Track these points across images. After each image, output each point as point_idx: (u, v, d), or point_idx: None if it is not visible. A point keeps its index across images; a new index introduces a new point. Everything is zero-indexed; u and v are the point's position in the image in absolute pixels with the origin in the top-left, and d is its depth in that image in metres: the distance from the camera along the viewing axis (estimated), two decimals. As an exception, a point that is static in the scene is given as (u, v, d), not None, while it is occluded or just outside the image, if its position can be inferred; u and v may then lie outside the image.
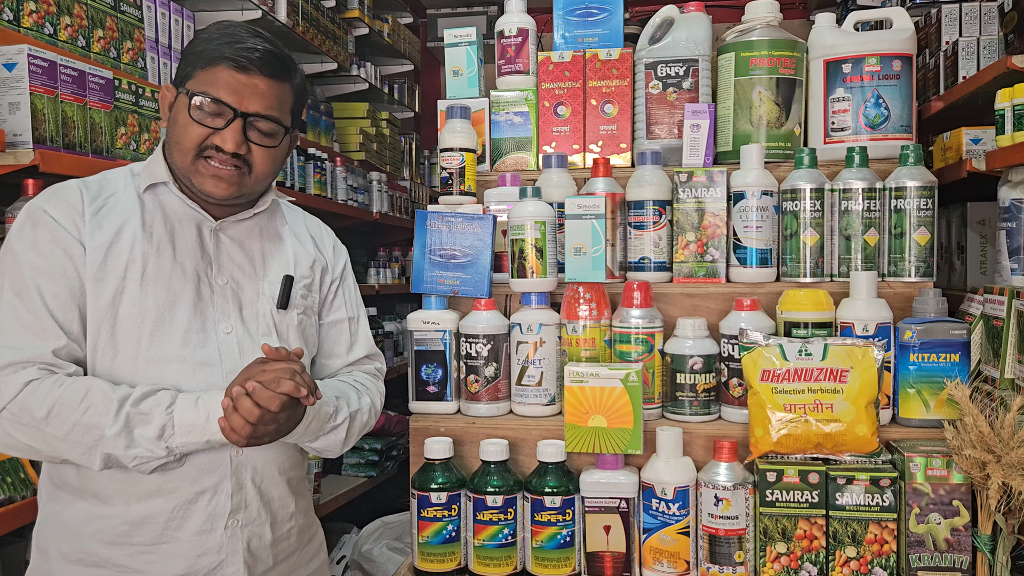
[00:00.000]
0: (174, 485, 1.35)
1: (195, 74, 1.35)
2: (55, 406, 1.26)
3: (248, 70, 1.34)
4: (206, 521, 1.38)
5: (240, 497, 1.40)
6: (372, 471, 3.63)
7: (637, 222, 1.78)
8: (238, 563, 1.40)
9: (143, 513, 1.35)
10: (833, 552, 1.52)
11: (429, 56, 5.30)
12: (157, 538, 1.36)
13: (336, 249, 1.63)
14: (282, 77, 1.38)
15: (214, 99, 1.33)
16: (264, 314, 1.45)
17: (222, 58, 1.34)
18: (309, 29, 3.33)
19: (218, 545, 1.38)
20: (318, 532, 1.63)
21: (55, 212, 1.34)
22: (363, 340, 1.63)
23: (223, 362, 1.39)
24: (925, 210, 1.69)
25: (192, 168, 1.36)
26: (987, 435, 1.42)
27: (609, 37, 1.93)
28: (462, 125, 1.83)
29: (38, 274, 1.31)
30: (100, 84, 1.92)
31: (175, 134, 1.37)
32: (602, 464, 1.62)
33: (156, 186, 1.41)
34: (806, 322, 1.63)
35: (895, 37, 1.82)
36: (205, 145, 1.35)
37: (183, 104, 1.35)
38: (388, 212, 4.07)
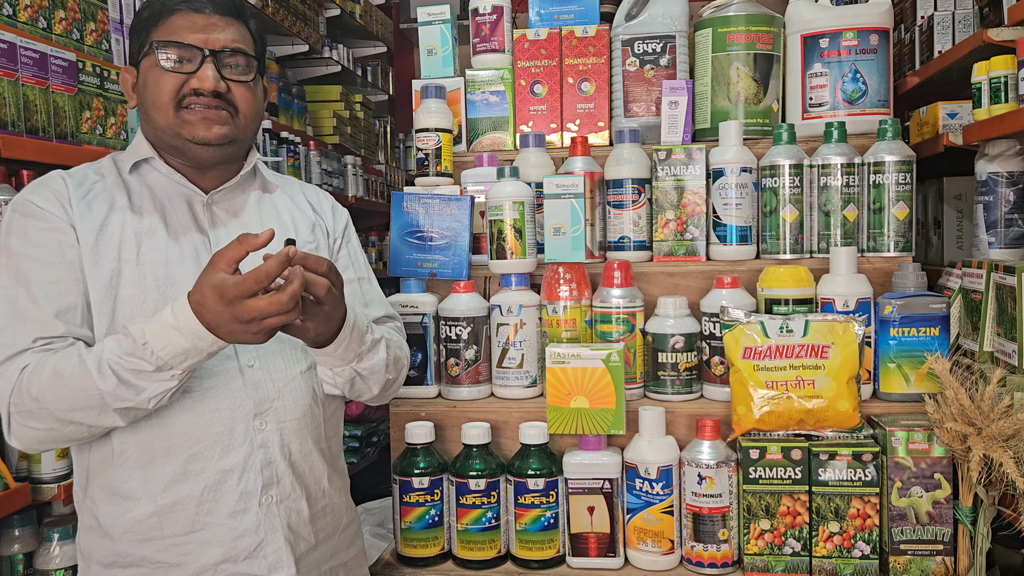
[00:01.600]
0: (199, 467, 1.30)
1: (151, 35, 1.32)
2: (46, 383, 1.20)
3: (203, 10, 1.32)
4: (238, 501, 1.31)
5: (271, 472, 1.33)
6: (352, 458, 3.61)
7: (616, 201, 1.76)
8: (279, 540, 1.33)
9: (171, 501, 1.29)
10: (816, 528, 1.52)
11: (402, 38, 5.24)
12: (189, 526, 1.30)
13: (336, 210, 1.57)
14: (237, 15, 1.36)
15: (179, 44, 1.29)
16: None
17: (175, 6, 1.31)
18: (279, 10, 3.26)
19: (255, 524, 1.32)
20: (356, 518, 1.54)
21: (42, 201, 1.30)
22: (378, 299, 1.56)
23: None
24: (903, 184, 1.68)
25: (178, 121, 1.31)
26: (967, 408, 1.42)
27: (585, 14, 1.91)
28: (437, 105, 1.80)
29: (34, 264, 1.27)
30: (63, 67, 1.87)
31: (149, 97, 1.32)
32: (585, 445, 1.61)
33: (140, 165, 1.37)
34: (787, 299, 1.63)
35: (872, 11, 1.81)
36: (183, 93, 1.30)
37: (149, 65, 1.31)
38: (363, 196, 4.03)
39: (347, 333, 1.31)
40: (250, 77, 1.36)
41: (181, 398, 1.29)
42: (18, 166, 1.82)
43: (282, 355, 1.37)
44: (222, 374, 1.32)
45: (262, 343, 1.21)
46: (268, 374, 1.35)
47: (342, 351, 1.33)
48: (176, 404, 1.29)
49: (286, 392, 1.36)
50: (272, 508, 1.33)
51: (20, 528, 1.86)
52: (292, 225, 1.46)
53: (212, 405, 1.31)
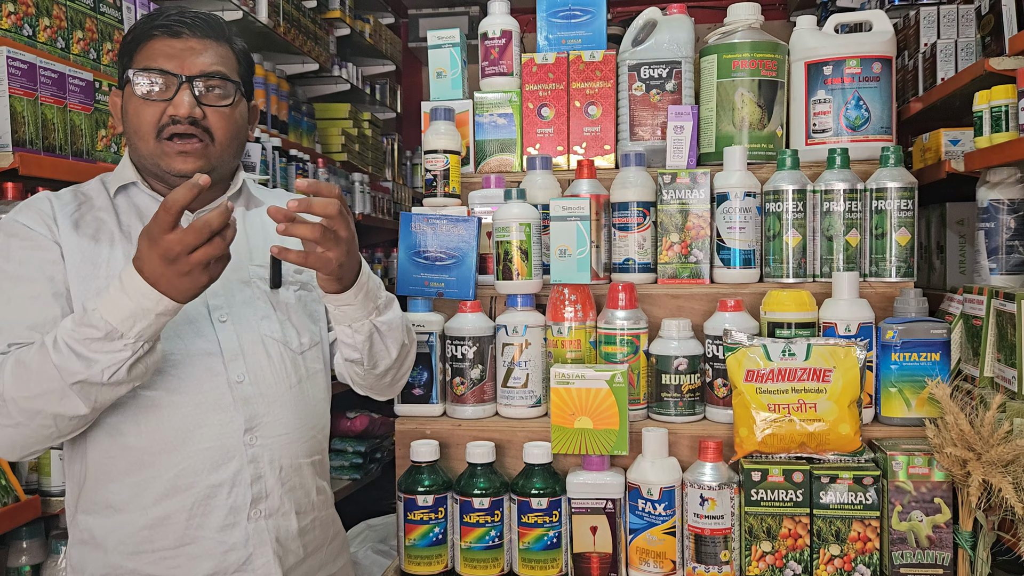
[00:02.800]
0: (189, 481, 1.31)
1: (133, 61, 1.33)
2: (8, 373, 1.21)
3: (181, 34, 1.32)
4: (228, 515, 1.33)
5: (260, 486, 1.35)
6: (356, 473, 3.62)
7: (621, 223, 1.79)
8: (267, 555, 1.35)
9: (161, 514, 1.31)
10: (817, 550, 1.53)
11: (411, 56, 5.29)
12: (179, 540, 1.31)
13: None
14: (217, 37, 1.36)
15: (154, 70, 1.30)
16: (259, 296, 1.41)
17: (151, 30, 1.31)
18: (290, 30, 3.31)
19: (244, 539, 1.34)
20: (340, 530, 1.57)
21: (27, 220, 1.32)
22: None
23: (223, 351, 1.35)
24: (905, 211, 1.70)
25: (158, 151, 1.32)
26: (967, 433, 1.44)
27: (592, 39, 1.94)
28: (446, 127, 1.83)
29: (14, 283, 1.29)
30: (80, 86, 1.91)
31: (131, 125, 1.34)
32: (588, 465, 1.62)
33: (127, 187, 1.39)
34: (789, 322, 1.65)
35: (875, 39, 1.84)
36: (162, 123, 1.31)
37: (129, 92, 1.32)
38: (370, 213, 4.06)
39: (364, 279, 1.33)
40: (228, 102, 1.35)
41: (171, 414, 1.30)
42: (35, 183, 1.85)
43: (272, 370, 1.38)
44: (212, 391, 1.33)
45: (204, 285, 1.17)
46: (258, 389, 1.36)
47: (362, 297, 1.34)
48: (166, 420, 1.30)
49: (276, 407, 1.38)
50: (261, 522, 1.35)
51: (28, 540, 1.88)
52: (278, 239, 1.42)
53: (202, 420, 1.31)
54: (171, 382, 1.32)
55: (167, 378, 1.31)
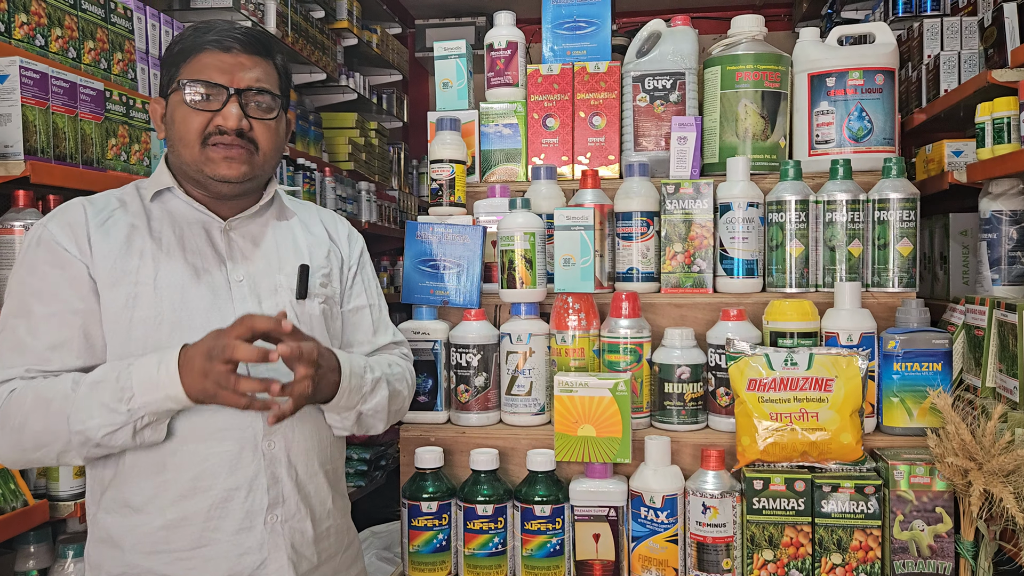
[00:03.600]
0: (207, 484, 1.33)
1: (180, 71, 1.36)
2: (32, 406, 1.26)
3: (231, 49, 1.36)
4: (244, 519, 1.35)
5: (277, 491, 1.37)
6: (361, 480, 3.63)
7: (625, 233, 1.80)
8: (282, 559, 1.36)
9: (179, 515, 1.33)
10: (819, 559, 1.54)
11: (417, 66, 5.32)
12: (195, 541, 1.33)
13: (351, 237, 1.61)
14: (264, 54, 1.40)
15: (206, 83, 1.34)
16: (283, 306, 1.42)
17: (204, 44, 1.35)
18: (298, 40, 3.34)
19: (259, 543, 1.35)
20: (356, 539, 1.58)
21: (57, 231, 1.35)
22: (387, 326, 1.60)
23: None
24: (908, 222, 1.72)
25: (202, 158, 1.36)
26: (969, 443, 1.44)
27: (597, 50, 1.96)
28: (452, 137, 1.85)
29: (33, 297, 1.33)
30: (91, 95, 1.93)
31: (176, 132, 1.37)
32: (591, 473, 1.63)
33: (162, 193, 1.42)
34: (792, 332, 1.66)
35: (878, 52, 1.85)
36: (209, 131, 1.35)
37: (177, 100, 1.36)
38: (377, 222, 4.08)
39: (346, 386, 1.37)
40: (273, 115, 1.40)
41: (192, 416, 1.33)
42: (46, 191, 1.88)
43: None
44: None
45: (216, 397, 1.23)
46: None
47: (345, 400, 1.39)
48: (187, 423, 1.33)
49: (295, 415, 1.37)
50: (277, 527, 1.36)
51: (36, 544, 1.89)
52: (307, 251, 1.50)
53: (222, 424, 1.34)
54: None
55: None
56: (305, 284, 1.44)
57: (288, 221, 1.51)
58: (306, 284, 1.45)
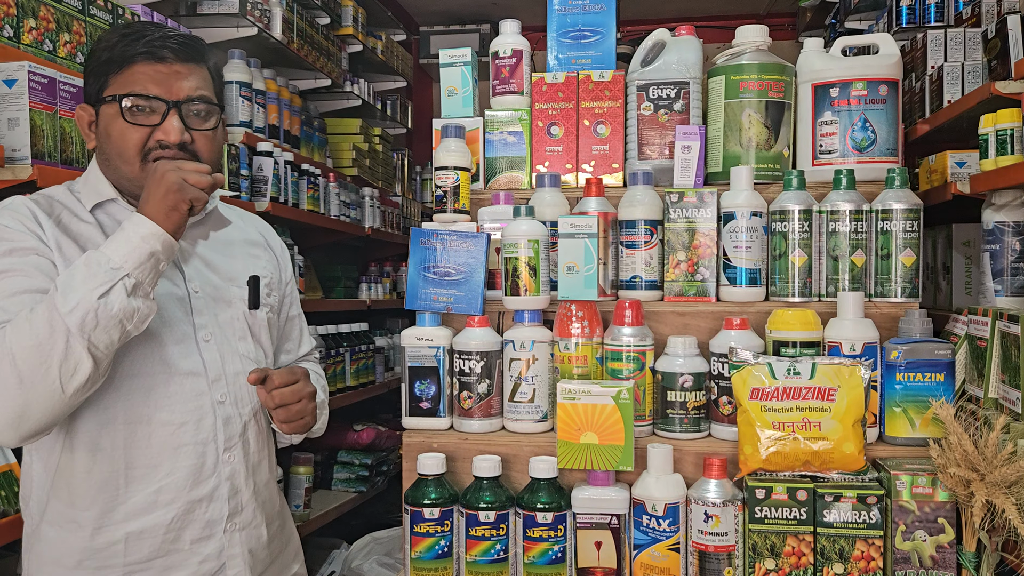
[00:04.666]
0: (170, 497, 1.34)
1: (110, 81, 1.32)
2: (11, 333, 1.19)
3: (166, 59, 1.32)
4: (204, 528, 1.38)
5: (236, 501, 1.42)
6: (362, 486, 3.63)
7: (629, 241, 1.81)
8: (239, 565, 1.41)
9: (138, 529, 1.32)
10: (821, 568, 1.54)
11: (421, 73, 5.34)
12: (154, 552, 1.34)
13: (281, 246, 1.67)
14: (198, 60, 1.37)
15: (143, 96, 1.30)
16: (238, 317, 1.47)
17: (135, 55, 1.31)
18: (304, 46, 3.36)
19: (218, 550, 1.39)
20: (295, 534, 1.67)
21: (10, 223, 1.30)
22: (308, 334, 1.72)
23: (207, 371, 1.39)
24: (911, 232, 1.72)
25: (143, 174, 1.31)
26: (971, 454, 1.45)
27: (602, 59, 1.97)
28: (457, 144, 1.86)
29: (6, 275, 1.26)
30: (98, 100, 1.94)
31: (113, 146, 1.33)
32: (593, 480, 1.64)
33: (104, 204, 1.39)
34: (794, 341, 1.66)
35: (881, 62, 1.86)
36: (149, 147, 1.32)
37: (111, 113, 1.32)
38: (380, 227, 4.09)
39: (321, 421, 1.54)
40: (213, 125, 1.38)
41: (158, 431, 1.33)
42: (52, 195, 1.88)
43: (248, 390, 1.45)
44: (195, 410, 1.37)
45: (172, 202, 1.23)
46: (236, 409, 1.43)
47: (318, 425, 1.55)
48: (152, 437, 1.33)
49: (250, 426, 1.46)
50: (235, 535, 1.42)
51: (38, 548, 1.89)
52: (251, 259, 1.55)
53: (186, 439, 1.36)
54: (160, 400, 1.34)
55: (154, 395, 1.34)
56: (257, 295, 1.51)
57: (228, 228, 1.53)
58: (258, 295, 1.51)
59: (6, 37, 1.79)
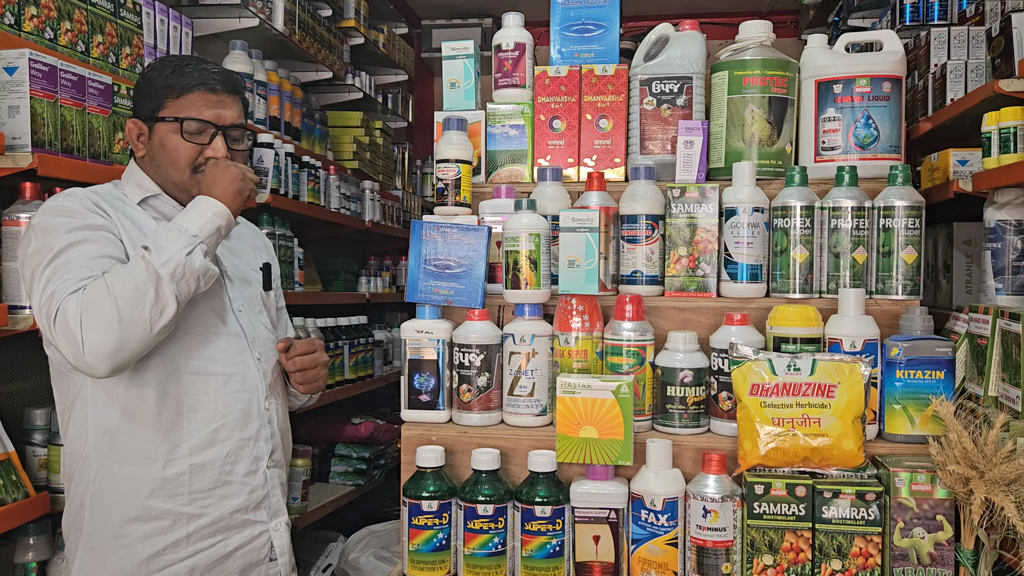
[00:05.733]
0: (225, 435, 1.62)
1: (167, 104, 1.60)
2: (107, 279, 1.43)
3: (218, 91, 1.62)
4: (252, 463, 1.66)
5: (275, 441, 1.72)
6: (360, 479, 3.63)
7: (630, 236, 1.81)
8: (278, 493, 1.73)
9: (200, 462, 1.59)
10: (819, 565, 1.54)
11: (423, 66, 5.33)
12: (213, 483, 1.61)
13: (267, 244, 1.94)
14: (237, 92, 1.68)
15: (200, 120, 1.60)
16: (257, 295, 1.78)
17: (196, 85, 1.60)
18: (305, 38, 3.35)
19: (263, 481, 1.69)
20: None
21: (77, 204, 1.54)
22: (290, 324, 1.99)
23: (246, 333, 1.70)
24: (912, 229, 1.72)
25: (192, 181, 1.62)
26: (971, 451, 1.45)
27: (605, 53, 1.96)
28: (458, 137, 1.85)
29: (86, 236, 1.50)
30: (99, 89, 1.94)
31: (167, 156, 1.61)
32: (592, 475, 1.63)
33: (149, 198, 1.65)
34: (795, 337, 1.66)
35: (885, 59, 1.86)
36: (198, 162, 1.62)
37: (169, 129, 1.60)
38: (380, 221, 4.08)
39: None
40: (246, 147, 1.70)
41: (214, 382, 1.62)
42: (52, 184, 1.88)
43: (273, 352, 1.75)
44: (241, 364, 1.67)
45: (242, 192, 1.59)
46: (269, 366, 1.73)
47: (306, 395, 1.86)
48: (209, 386, 1.61)
49: (278, 379, 1.76)
50: (273, 470, 1.72)
51: (35, 536, 1.90)
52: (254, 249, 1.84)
53: (237, 387, 1.65)
54: (213, 354, 1.63)
55: (209, 351, 1.62)
56: (269, 279, 1.82)
57: (237, 227, 1.79)
58: (270, 279, 1.82)
59: (7, 24, 1.78)
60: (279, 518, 1.73)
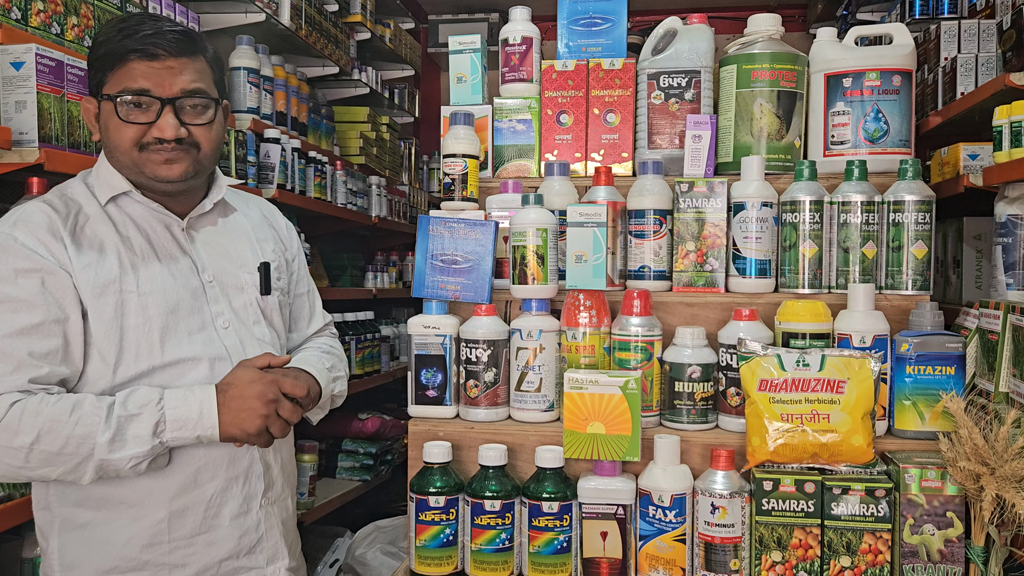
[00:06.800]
0: (209, 475, 1.41)
1: (108, 77, 1.35)
2: (46, 423, 1.25)
3: (158, 56, 1.33)
4: (242, 504, 1.46)
5: (269, 477, 1.51)
6: (366, 475, 3.63)
7: (638, 231, 1.80)
8: (275, 535, 1.52)
9: (180, 507, 1.39)
10: (828, 561, 1.53)
11: (429, 61, 5.32)
12: (197, 529, 1.41)
13: (288, 227, 1.71)
14: (192, 52, 1.37)
15: (135, 92, 1.32)
16: (251, 303, 1.53)
17: (128, 52, 1.32)
18: (312, 33, 3.34)
19: (255, 523, 1.48)
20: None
21: (25, 238, 1.32)
22: (320, 310, 1.77)
23: (231, 355, 1.46)
24: (923, 224, 1.70)
25: (141, 160, 1.36)
26: (981, 448, 1.43)
27: (612, 47, 1.95)
28: (465, 131, 1.85)
29: (11, 307, 1.30)
30: (106, 84, 1.93)
31: (111, 140, 1.37)
32: (600, 471, 1.63)
33: (118, 197, 1.42)
34: (804, 333, 1.65)
35: (895, 52, 1.84)
36: (144, 142, 1.35)
37: (108, 110, 1.35)
38: (387, 216, 4.08)
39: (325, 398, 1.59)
40: (209, 118, 1.39)
41: None
42: (60, 178, 1.88)
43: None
44: None
45: (254, 434, 1.37)
46: None
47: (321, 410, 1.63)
48: None
49: None
50: (269, 508, 1.52)
51: (43, 531, 1.89)
52: (259, 245, 1.59)
53: None
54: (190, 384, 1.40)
55: (185, 381, 1.38)
56: (268, 281, 1.58)
57: (234, 215, 1.58)
58: (268, 281, 1.58)
59: (14, 19, 1.78)
60: (278, 563, 1.51)
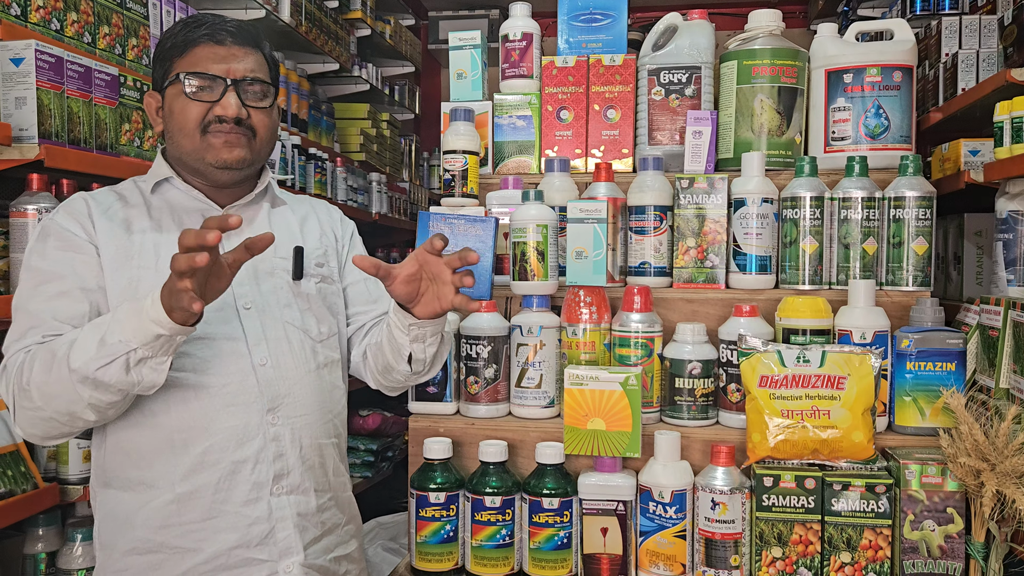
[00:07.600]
0: (215, 458, 1.38)
1: (175, 65, 1.41)
2: (38, 361, 1.27)
3: (225, 42, 1.42)
4: (251, 490, 1.40)
5: (282, 463, 1.43)
6: (368, 472, 3.63)
7: (638, 227, 1.79)
8: (288, 528, 1.43)
9: (189, 490, 1.37)
10: (828, 557, 1.53)
11: (430, 58, 5.31)
12: (205, 514, 1.38)
13: (343, 221, 1.68)
14: (254, 45, 1.46)
15: (203, 75, 1.40)
16: (282, 287, 1.49)
17: (198, 38, 1.41)
18: (312, 29, 3.34)
19: (266, 512, 1.41)
20: (357, 514, 1.62)
21: (63, 220, 1.41)
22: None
23: (247, 336, 1.43)
24: (923, 220, 1.70)
25: (203, 145, 1.41)
26: (982, 444, 1.43)
27: (613, 43, 1.95)
28: (465, 128, 1.84)
29: (46, 279, 1.36)
30: (106, 80, 1.93)
31: (175, 123, 1.42)
32: (600, 467, 1.63)
33: (161, 184, 1.48)
34: (804, 329, 1.65)
35: (896, 48, 1.84)
36: (208, 120, 1.40)
37: (175, 93, 1.41)
38: (387, 213, 4.08)
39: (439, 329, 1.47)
40: (268, 103, 1.47)
41: (200, 395, 1.38)
42: (59, 175, 1.88)
43: (292, 355, 1.47)
44: (236, 372, 1.40)
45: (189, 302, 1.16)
46: (279, 372, 1.44)
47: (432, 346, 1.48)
48: (195, 400, 1.38)
49: (297, 389, 1.46)
50: (283, 498, 1.43)
51: (44, 528, 1.90)
52: (301, 235, 1.57)
53: (228, 400, 1.39)
54: (199, 364, 1.39)
55: (195, 360, 1.39)
56: (300, 265, 1.51)
57: (281, 208, 1.58)
58: (301, 265, 1.52)
59: (13, 15, 1.78)
60: (291, 558, 1.42)
